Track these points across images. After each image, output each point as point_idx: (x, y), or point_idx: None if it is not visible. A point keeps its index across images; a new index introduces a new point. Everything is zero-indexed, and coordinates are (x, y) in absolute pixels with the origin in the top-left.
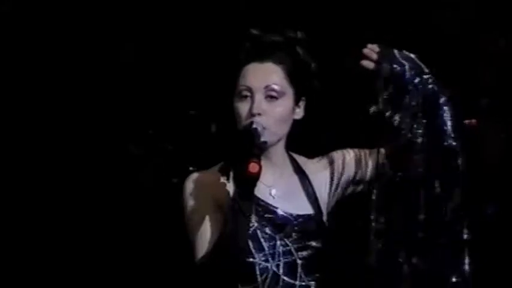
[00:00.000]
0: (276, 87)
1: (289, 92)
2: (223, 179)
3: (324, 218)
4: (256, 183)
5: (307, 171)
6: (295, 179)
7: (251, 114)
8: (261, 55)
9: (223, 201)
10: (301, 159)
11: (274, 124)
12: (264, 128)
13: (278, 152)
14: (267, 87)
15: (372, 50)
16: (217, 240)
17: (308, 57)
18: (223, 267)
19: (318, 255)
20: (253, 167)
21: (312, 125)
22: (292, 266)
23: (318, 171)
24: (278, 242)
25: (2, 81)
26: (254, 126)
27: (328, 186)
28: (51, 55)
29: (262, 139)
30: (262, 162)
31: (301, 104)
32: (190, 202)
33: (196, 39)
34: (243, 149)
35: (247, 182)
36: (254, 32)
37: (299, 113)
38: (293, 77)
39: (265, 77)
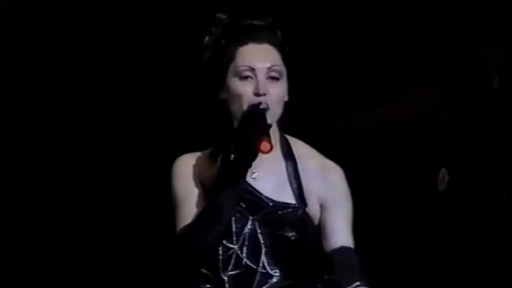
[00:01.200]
0: (277, 67)
1: (285, 74)
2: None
3: (309, 209)
4: (251, 162)
5: (300, 161)
6: (281, 163)
7: (257, 95)
8: (257, 36)
9: (208, 184)
10: (298, 147)
11: (275, 105)
12: (267, 107)
13: (269, 135)
14: (270, 68)
15: None
16: (201, 214)
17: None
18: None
19: (289, 245)
20: (265, 146)
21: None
22: (255, 251)
23: (313, 171)
24: (248, 225)
25: (2, 81)
26: (263, 106)
27: (316, 196)
28: (51, 55)
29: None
30: None
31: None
32: (177, 181)
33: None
34: (255, 128)
35: (250, 161)
36: (237, 16)
37: (287, 96)
38: (285, 59)
39: (268, 57)
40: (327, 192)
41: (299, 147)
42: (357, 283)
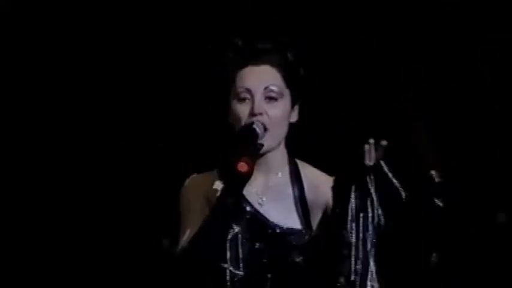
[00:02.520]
0: (275, 88)
1: (286, 94)
2: (218, 182)
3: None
4: (245, 184)
5: (307, 186)
6: (288, 189)
7: (252, 114)
8: (257, 58)
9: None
10: (305, 169)
11: (274, 125)
12: (265, 129)
13: (276, 158)
14: (267, 88)
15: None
16: (194, 236)
17: (298, 62)
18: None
19: (296, 270)
20: (242, 166)
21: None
22: (262, 278)
23: (319, 194)
24: (255, 251)
25: (2, 81)
26: (254, 126)
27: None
28: (51, 55)
29: (261, 141)
30: (258, 167)
31: (296, 107)
32: (185, 203)
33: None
34: (239, 147)
35: (236, 182)
36: (242, 39)
37: (294, 116)
38: (288, 79)
39: (264, 78)
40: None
41: (307, 171)
42: None
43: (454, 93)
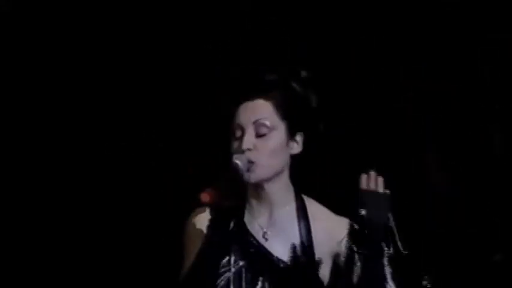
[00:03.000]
0: (264, 121)
1: (281, 126)
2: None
3: (321, 270)
4: (231, 218)
5: (313, 222)
6: (294, 224)
7: (242, 151)
8: (252, 94)
9: None
10: (312, 206)
11: (265, 158)
12: (251, 163)
13: (278, 190)
14: (256, 122)
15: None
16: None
17: (304, 92)
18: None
19: None
20: (204, 196)
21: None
22: None
23: (325, 232)
24: (258, 286)
25: (2, 81)
26: (235, 159)
27: (328, 256)
28: (51, 55)
29: (248, 175)
30: (262, 201)
31: (299, 138)
32: (187, 237)
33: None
34: (220, 182)
35: (219, 215)
36: (247, 70)
37: (296, 148)
38: (285, 111)
39: (254, 112)
40: (339, 250)
41: (312, 207)
42: None
43: (454, 93)
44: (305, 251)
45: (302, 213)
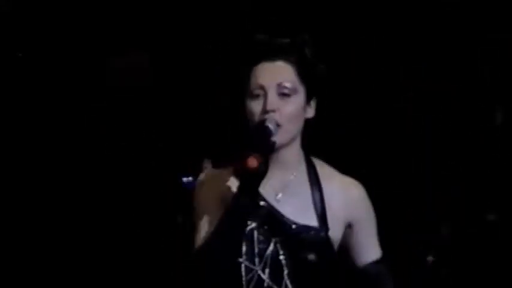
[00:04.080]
0: (288, 84)
1: (301, 90)
2: (233, 180)
3: (332, 232)
4: (260, 182)
5: (324, 184)
6: (306, 187)
7: (265, 111)
8: (271, 55)
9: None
10: (323, 168)
11: (287, 121)
12: (277, 125)
13: (291, 154)
14: (280, 85)
15: None
16: (210, 236)
17: (315, 59)
18: (213, 263)
19: (311, 268)
20: (251, 161)
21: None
22: (278, 273)
23: (336, 191)
24: (271, 247)
25: (2, 81)
26: (267, 123)
27: (340, 216)
28: (51, 55)
29: (274, 138)
30: (274, 164)
31: (312, 103)
32: (199, 200)
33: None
34: (252, 145)
35: (250, 179)
36: (260, 35)
37: (310, 112)
38: (303, 75)
39: (277, 74)
40: (352, 210)
41: (323, 170)
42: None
43: (454, 93)
44: (317, 213)
45: (313, 176)
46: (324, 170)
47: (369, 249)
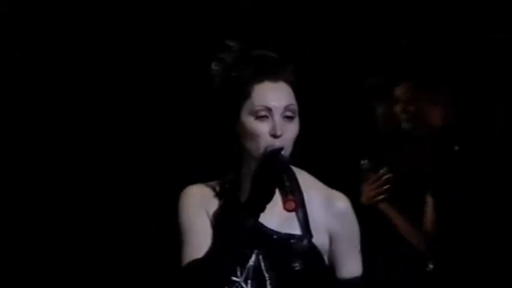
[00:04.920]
0: (293, 106)
1: (297, 110)
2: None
3: (316, 240)
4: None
5: (306, 192)
6: None
7: (274, 136)
8: (273, 74)
9: (215, 215)
10: (305, 179)
11: (289, 144)
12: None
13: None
14: (287, 107)
15: None
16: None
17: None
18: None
19: (295, 276)
20: (289, 205)
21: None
22: (260, 284)
23: (319, 204)
24: (252, 257)
25: (2, 81)
26: (284, 153)
27: (323, 228)
28: (51, 55)
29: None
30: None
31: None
32: (183, 213)
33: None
34: (271, 171)
35: (264, 205)
36: (257, 51)
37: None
38: (296, 95)
39: (284, 97)
40: (334, 223)
41: (304, 178)
42: None
43: (453, 93)
44: (300, 222)
45: (295, 184)
46: (305, 179)
47: (348, 265)
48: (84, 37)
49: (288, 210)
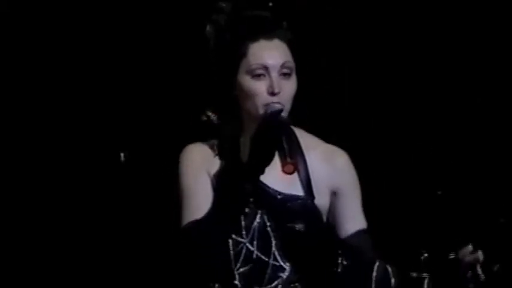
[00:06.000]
0: (290, 64)
1: (295, 67)
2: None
3: (317, 201)
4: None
5: (307, 153)
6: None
7: (272, 94)
8: (269, 32)
9: (215, 175)
10: (304, 137)
11: (288, 101)
12: (282, 108)
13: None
14: (283, 65)
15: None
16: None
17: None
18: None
19: (298, 237)
20: (288, 168)
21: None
22: (266, 244)
23: (320, 160)
24: (257, 218)
25: (2, 81)
26: (283, 114)
27: (325, 185)
28: (51, 55)
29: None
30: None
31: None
32: (184, 172)
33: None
34: (269, 129)
35: (263, 167)
36: (249, 11)
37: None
38: (293, 52)
39: (279, 53)
40: (336, 178)
41: (304, 138)
42: (378, 262)
43: (453, 92)
44: (302, 182)
45: (296, 146)
46: (306, 139)
47: (353, 218)
48: (84, 37)
49: (287, 173)
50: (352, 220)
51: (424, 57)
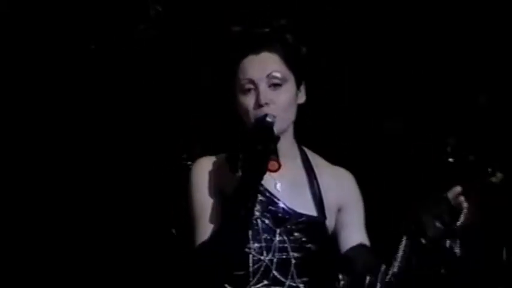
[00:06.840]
0: (277, 74)
1: (290, 77)
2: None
3: (328, 222)
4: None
5: (318, 172)
6: (302, 175)
7: (259, 105)
8: (254, 47)
9: (227, 190)
10: (314, 158)
11: (282, 111)
12: (274, 117)
13: (286, 142)
14: (269, 76)
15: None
16: (218, 229)
17: (297, 42)
18: (221, 256)
19: (313, 258)
20: (272, 165)
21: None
22: (285, 263)
23: (330, 179)
24: (277, 237)
25: (2, 81)
26: (268, 119)
27: (334, 203)
28: (51, 55)
29: (275, 129)
30: None
31: (302, 88)
32: (195, 191)
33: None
34: (261, 144)
35: (256, 176)
36: (238, 27)
37: (301, 97)
38: (290, 62)
39: (265, 66)
40: (343, 196)
41: (314, 158)
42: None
43: (453, 92)
44: (316, 203)
45: (308, 166)
46: (316, 159)
47: (357, 234)
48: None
49: (271, 171)
50: (356, 234)
51: (424, 57)
